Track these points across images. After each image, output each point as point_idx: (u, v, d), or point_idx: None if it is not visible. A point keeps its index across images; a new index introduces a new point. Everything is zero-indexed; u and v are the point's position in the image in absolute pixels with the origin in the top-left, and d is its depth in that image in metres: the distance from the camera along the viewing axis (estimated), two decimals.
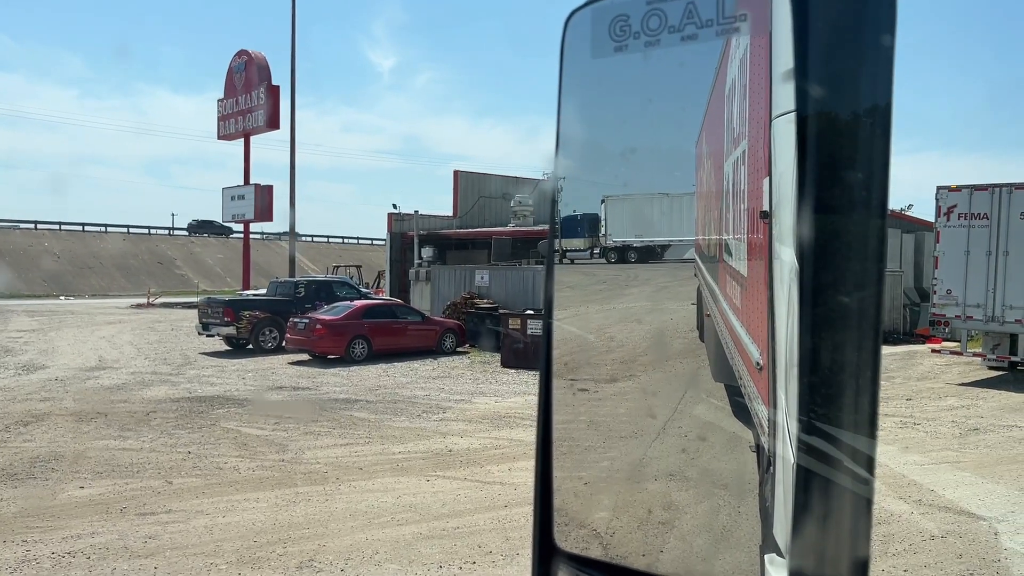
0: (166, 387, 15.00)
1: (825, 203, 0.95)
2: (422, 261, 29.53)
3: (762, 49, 2.25)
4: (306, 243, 65.33)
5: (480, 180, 34.63)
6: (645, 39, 1.45)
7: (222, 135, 40.57)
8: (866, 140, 0.95)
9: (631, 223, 3.79)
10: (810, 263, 0.99)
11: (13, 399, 13.36)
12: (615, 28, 1.48)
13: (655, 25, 1.44)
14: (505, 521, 7.01)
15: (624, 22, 1.47)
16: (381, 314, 20.60)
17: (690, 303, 4.64)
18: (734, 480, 3.52)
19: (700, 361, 4.16)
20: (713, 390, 3.93)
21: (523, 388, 15.43)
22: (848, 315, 0.92)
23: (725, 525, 3.30)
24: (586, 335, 2.92)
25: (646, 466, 3.13)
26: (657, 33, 1.44)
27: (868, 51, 0.95)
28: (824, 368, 0.91)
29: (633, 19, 1.46)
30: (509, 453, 9.81)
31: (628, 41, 1.46)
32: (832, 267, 0.94)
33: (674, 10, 1.40)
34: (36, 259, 57.61)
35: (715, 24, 1.37)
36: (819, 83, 0.95)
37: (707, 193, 3.85)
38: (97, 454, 9.50)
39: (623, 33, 1.47)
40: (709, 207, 3.99)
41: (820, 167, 0.96)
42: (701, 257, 4.35)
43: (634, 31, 1.46)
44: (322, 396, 14.15)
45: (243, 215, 39.19)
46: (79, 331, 26.56)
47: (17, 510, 7.32)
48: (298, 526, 6.89)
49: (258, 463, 9.20)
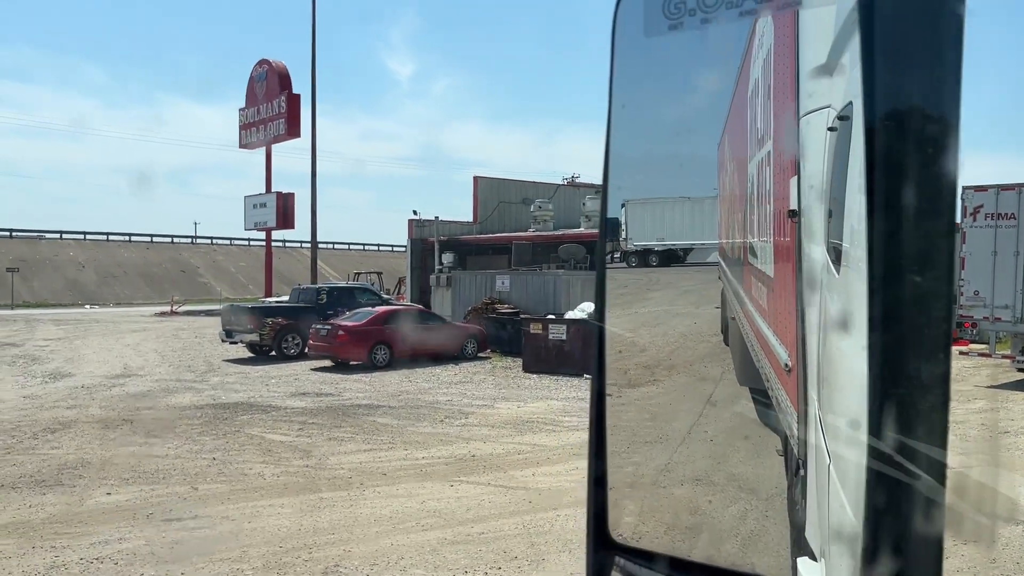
0: (191, 394, 15.11)
1: (896, 210, 0.92)
2: (443, 267, 29.58)
3: (788, 47, 2.22)
4: (327, 250, 65.68)
5: (500, 185, 34.64)
6: (701, 15, 1.43)
7: (244, 144, 40.91)
8: (936, 145, 0.93)
9: (652, 227, 3.77)
10: (880, 270, 0.96)
11: (41, 407, 13.52)
12: (669, 6, 1.45)
13: (712, 1, 1.41)
14: (530, 526, 6.99)
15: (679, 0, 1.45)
16: (403, 320, 20.65)
17: (714, 306, 4.59)
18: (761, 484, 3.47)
19: (725, 364, 4.11)
20: (738, 393, 3.87)
21: (545, 393, 15.40)
22: (919, 322, 0.90)
23: (753, 529, 3.25)
24: (626, 335, 2.88)
25: (671, 470, 3.09)
26: (714, 9, 1.41)
27: (936, 54, 0.93)
28: (897, 376, 0.89)
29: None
30: (533, 458, 9.78)
31: (683, 18, 1.43)
32: (903, 275, 0.92)
33: None
34: (61, 268, 58.37)
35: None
36: (888, 86, 0.93)
37: (730, 196, 3.81)
38: (123, 461, 9.58)
39: (678, 11, 1.44)
40: (733, 210, 3.94)
41: (891, 173, 0.94)
42: (725, 260, 4.29)
43: (689, 8, 1.44)
44: (345, 402, 14.20)
45: (265, 223, 39.47)
46: (104, 339, 26.85)
47: (46, 516, 7.39)
48: (323, 532, 6.91)
49: (282, 469, 9.24)
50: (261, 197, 39.57)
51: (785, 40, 2.17)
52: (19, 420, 12.20)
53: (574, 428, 11.71)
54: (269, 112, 38.66)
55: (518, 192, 34.71)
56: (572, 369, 17.72)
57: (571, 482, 8.58)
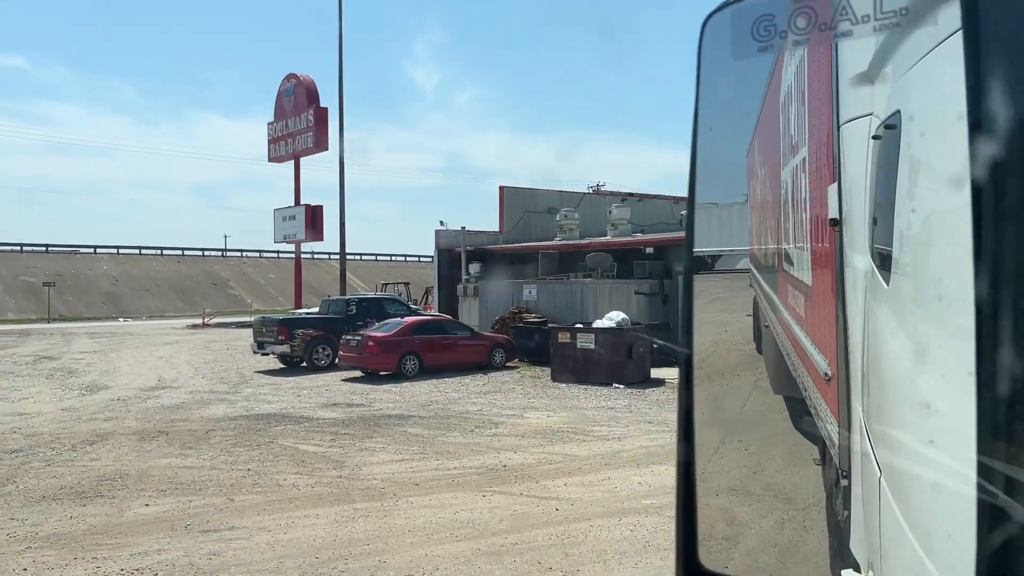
0: (224, 405, 15.30)
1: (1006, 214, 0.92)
2: (470, 277, 29.67)
3: (823, 53, 2.22)
4: (354, 261, 66.16)
5: (525, 195, 34.70)
6: (793, 38, 1.43)
7: (272, 158, 41.39)
8: None
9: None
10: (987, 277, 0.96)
11: (79, 419, 13.75)
12: (759, 28, 1.46)
13: (803, 23, 1.42)
14: (564, 537, 6.99)
15: (769, 21, 1.45)
16: (431, 330, 20.76)
17: (745, 314, 4.57)
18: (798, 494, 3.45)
19: (758, 373, 4.09)
20: (773, 402, 3.85)
21: (574, 402, 15.39)
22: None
23: (791, 540, 3.24)
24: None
25: (707, 480, 3.08)
26: (806, 31, 1.41)
27: None
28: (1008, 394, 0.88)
29: (779, 18, 1.44)
30: (564, 468, 9.78)
31: (773, 40, 1.44)
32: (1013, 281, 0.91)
33: (824, 7, 1.38)
34: (96, 282, 59.34)
35: (872, 20, 1.34)
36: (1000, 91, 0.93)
37: (762, 202, 3.79)
38: (160, 472, 9.72)
39: (768, 33, 1.45)
40: (765, 216, 3.93)
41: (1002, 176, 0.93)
42: (757, 267, 4.27)
43: (780, 30, 1.44)
44: (376, 412, 14.29)
45: (294, 235, 39.87)
46: (138, 352, 27.26)
47: (87, 527, 7.52)
48: (358, 542, 6.96)
49: (316, 479, 9.32)
50: (290, 210, 39.99)
51: (820, 47, 2.18)
52: (58, 432, 12.42)
53: (604, 438, 11.70)
54: (297, 126, 39.11)
55: (544, 201, 34.74)
56: (601, 378, 17.69)
57: (603, 492, 8.57)
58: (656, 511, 7.73)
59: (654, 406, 14.75)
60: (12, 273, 57.34)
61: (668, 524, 7.31)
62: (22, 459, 10.51)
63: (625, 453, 10.62)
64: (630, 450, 10.80)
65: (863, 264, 1.90)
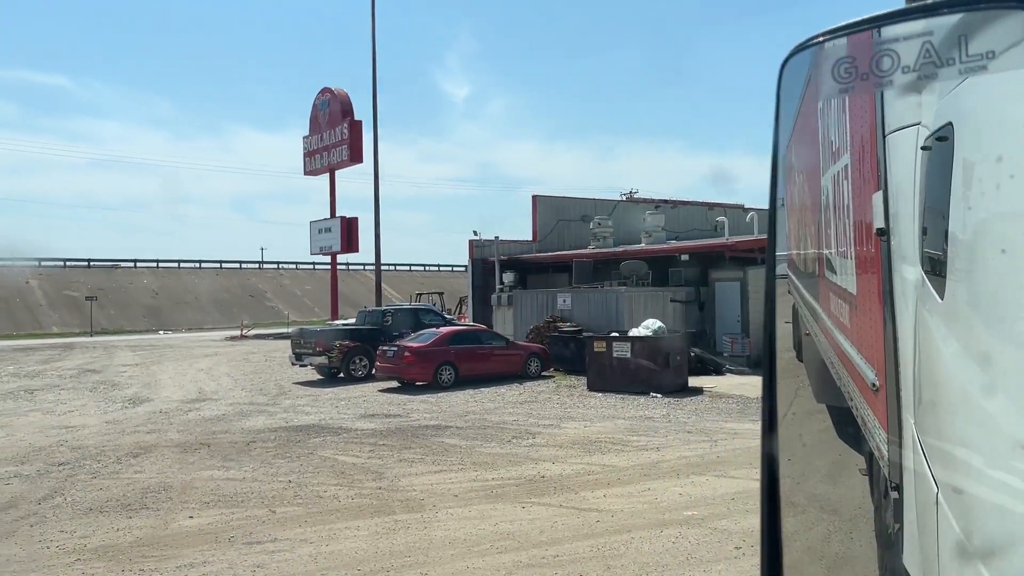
0: (264, 417, 15.47)
1: None
2: (503, 286, 29.72)
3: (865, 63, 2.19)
4: (389, 272, 66.64)
5: (558, 203, 34.72)
6: (875, 79, 1.42)
7: (308, 171, 41.90)
8: None
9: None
10: None
11: (122, 432, 14.00)
12: (839, 69, 1.45)
13: (887, 66, 1.41)
14: (605, 549, 6.94)
15: (850, 63, 1.44)
16: (467, 340, 20.80)
17: (784, 321, 4.51)
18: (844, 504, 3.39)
19: (799, 381, 4.03)
20: (815, 411, 3.79)
21: (611, 412, 15.31)
22: None
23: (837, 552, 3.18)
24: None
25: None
26: (889, 73, 1.40)
27: None
28: None
29: (860, 60, 1.43)
30: (603, 479, 9.72)
31: (855, 83, 1.43)
32: None
33: (908, 49, 1.37)
34: (136, 296, 60.44)
35: (957, 63, 1.33)
36: None
37: (800, 207, 3.74)
38: (203, 484, 9.85)
39: (848, 75, 1.44)
40: (803, 221, 3.88)
41: None
42: (796, 273, 4.21)
43: (861, 72, 1.43)
44: (413, 423, 14.35)
45: (330, 247, 40.29)
46: (178, 364, 27.68)
47: (133, 539, 7.64)
48: (399, 554, 6.98)
49: (356, 491, 9.38)
50: (326, 222, 40.42)
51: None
52: (103, 445, 12.65)
53: (643, 448, 11.62)
54: (332, 139, 39.56)
55: (577, 209, 34.74)
56: (638, 387, 17.59)
57: (644, 503, 8.51)
58: (698, 523, 7.65)
59: (692, 415, 14.63)
60: (56, 288, 58.63)
61: (711, 536, 7.24)
62: (69, 471, 10.72)
63: (665, 463, 10.54)
64: (670, 460, 10.72)
65: (913, 273, 1.88)
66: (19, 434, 13.91)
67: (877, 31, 1.42)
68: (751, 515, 7.76)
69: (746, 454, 10.91)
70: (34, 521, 8.32)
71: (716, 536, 7.21)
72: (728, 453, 11.08)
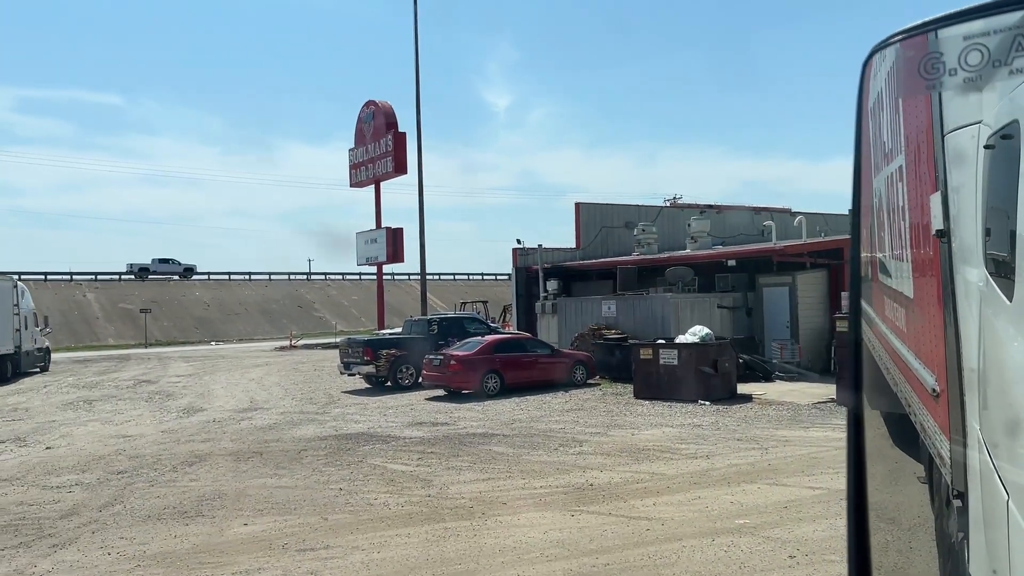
0: (314, 426, 15.69)
1: None
2: (548, 294, 29.70)
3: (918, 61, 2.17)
4: (433, 281, 67.09)
5: (601, 210, 34.61)
6: (964, 75, 1.41)
7: (354, 183, 42.43)
8: None
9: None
10: None
11: (178, 440, 14.31)
12: (925, 65, 1.44)
13: (975, 60, 1.39)
14: (656, 557, 6.90)
15: (936, 59, 1.43)
16: (512, 348, 20.85)
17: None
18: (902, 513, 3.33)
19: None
20: (870, 419, 3.72)
21: (659, 420, 15.19)
22: None
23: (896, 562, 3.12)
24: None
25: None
26: (978, 68, 1.39)
27: None
28: None
29: (948, 55, 1.42)
30: (652, 487, 9.65)
31: (942, 78, 1.42)
32: None
33: (1000, 43, 1.35)
34: (189, 308, 61.77)
35: None
36: None
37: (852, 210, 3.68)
38: (256, 492, 10.02)
39: (935, 70, 1.43)
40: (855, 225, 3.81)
41: None
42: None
43: (949, 67, 1.42)
44: (460, 431, 14.42)
45: (376, 258, 40.73)
46: (230, 374, 28.21)
47: (190, 546, 7.81)
48: (450, 561, 7.02)
49: (406, 499, 9.46)
50: (372, 233, 40.88)
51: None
52: (159, 454, 12.95)
53: (692, 456, 11.51)
54: (377, 151, 40.03)
55: (620, 216, 34.59)
56: (685, 395, 17.42)
57: (694, 512, 8.43)
58: (750, 531, 7.55)
59: (742, 423, 14.44)
60: (111, 301, 60.24)
61: (763, 545, 7.14)
62: (127, 480, 10.99)
63: (715, 472, 10.43)
64: (720, 468, 10.60)
65: (976, 275, 1.84)
66: (79, 443, 14.32)
67: (964, 25, 1.40)
68: (804, 523, 7.64)
69: (798, 462, 10.74)
70: (95, 528, 8.55)
71: (769, 545, 7.12)
72: (779, 461, 10.92)
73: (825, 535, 7.16)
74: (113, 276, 65.72)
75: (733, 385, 18.02)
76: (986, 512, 1.84)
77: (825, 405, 16.06)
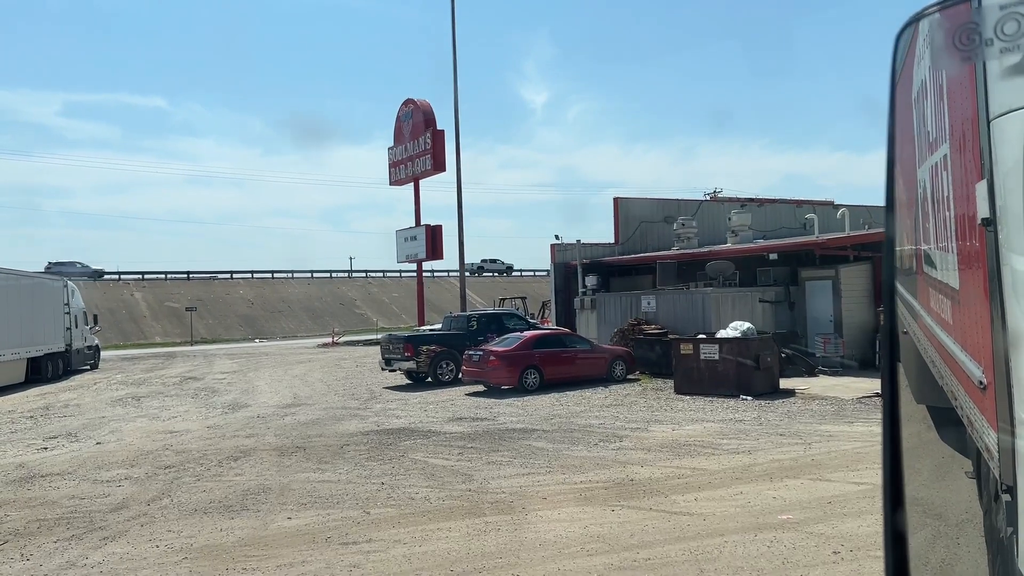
0: (356, 421, 15.85)
1: None
2: (586, 289, 29.62)
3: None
4: (471, 277, 67.34)
5: (640, 205, 34.40)
6: (1000, 45, 1.38)
7: (393, 181, 42.71)
8: None
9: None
10: None
11: (223, 436, 14.57)
12: (960, 36, 1.41)
13: (1011, 30, 1.37)
14: (697, 553, 6.85)
15: (972, 29, 1.41)
16: (551, 344, 20.84)
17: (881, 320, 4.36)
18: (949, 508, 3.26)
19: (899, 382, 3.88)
20: (915, 412, 3.66)
21: (700, 415, 15.07)
22: None
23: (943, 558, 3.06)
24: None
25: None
26: (1015, 38, 1.36)
27: None
28: None
29: (985, 25, 1.39)
30: (693, 483, 9.58)
31: (978, 49, 1.39)
32: None
33: None
34: (233, 306, 62.82)
35: None
36: None
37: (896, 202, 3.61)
38: (300, 486, 10.16)
39: (971, 41, 1.41)
40: (900, 217, 3.74)
41: None
42: None
43: (986, 38, 1.39)
44: (500, 426, 14.45)
45: (416, 255, 40.96)
46: (274, 371, 28.63)
47: (236, 540, 7.95)
48: (491, 555, 7.05)
49: (447, 493, 9.51)
50: (411, 230, 41.12)
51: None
52: (205, 449, 13.20)
53: (734, 452, 11.40)
54: (416, 149, 40.23)
55: (659, 210, 34.35)
56: (727, 390, 17.26)
57: (736, 507, 8.35)
58: (793, 527, 7.46)
59: (784, 418, 14.26)
60: (158, 299, 61.52)
61: (807, 540, 7.05)
62: (174, 474, 11.23)
63: (757, 467, 10.31)
64: (762, 464, 10.48)
65: (1022, 265, 1.80)
66: (128, 439, 14.66)
67: None
68: (849, 519, 7.52)
69: (842, 457, 10.57)
70: (144, 521, 8.75)
71: (813, 540, 7.02)
72: (823, 456, 10.76)
73: (870, 531, 7.04)
74: (159, 275, 67.09)
75: (775, 380, 17.81)
76: None
77: (870, 400, 15.78)
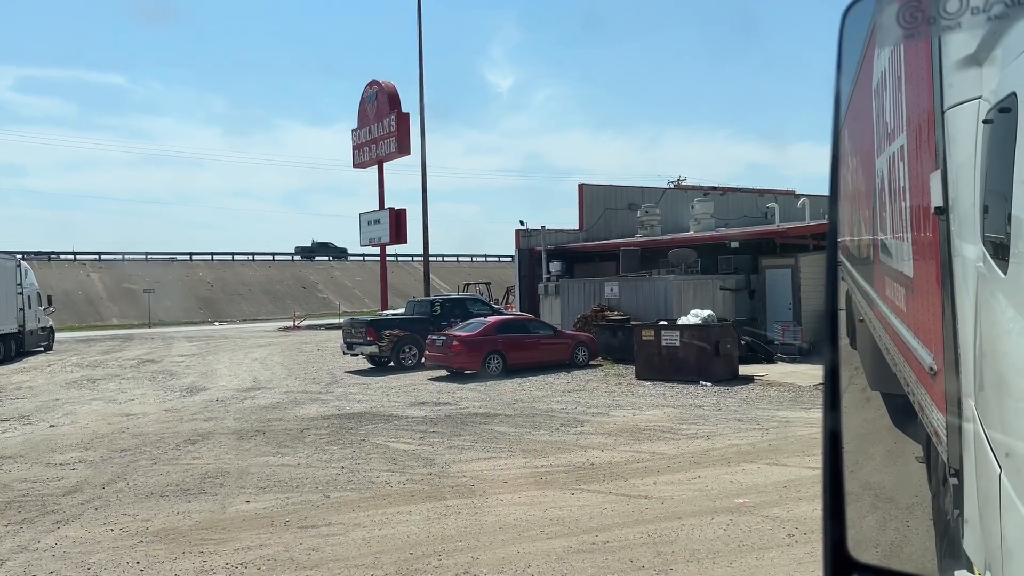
0: (317, 405, 15.74)
1: None
2: (551, 275, 29.69)
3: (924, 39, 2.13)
4: (436, 262, 67.12)
5: (605, 192, 34.51)
6: (943, 23, 1.39)
7: (357, 163, 42.31)
8: None
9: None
10: None
11: (181, 419, 14.38)
12: (903, 15, 1.42)
13: (953, 8, 1.38)
14: (655, 535, 6.93)
15: (915, 8, 1.41)
16: (514, 329, 20.87)
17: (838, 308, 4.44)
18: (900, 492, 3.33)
19: (853, 369, 3.95)
20: (870, 399, 3.72)
21: (660, 400, 15.23)
22: None
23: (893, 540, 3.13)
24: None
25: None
26: (956, 16, 1.37)
27: None
28: None
29: (926, 3, 1.40)
30: (652, 466, 9.69)
31: (920, 27, 1.40)
32: None
33: None
34: (192, 288, 61.87)
35: None
36: None
37: (853, 193, 3.66)
38: (259, 470, 10.07)
39: (913, 19, 1.41)
40: (857, 206, 3.79)
41: None
42: (850, 259, 4.13)
43: (928, 16, 1.40)
44: (463, 411, 14.46)
45: (379, 238, 40.68)
46: (233, 354, 28.28)
47: (192, 523, 7.86)
48: (451, 539, 7.07)
49: (407, 477, 9.51)
50: (375, 214, 40.81)
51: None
52: (162, 432, 13.02)
53: (693, 436, 11.54)
54: (380, 131, 39.87)
55: (623, 198, 34.49)
56: (687, 376, 17.46)
57: (694, 491, 8.47)
58: (749, 510, 7.59)
59: (743, 404, 14.48)
60: (115, 281, 60.36)
61: (763, 523, 7.17)
62: (131, 458, 11.06)
63: (715, 451, 10.46)
64: (720, 448, 10.63)
65: (974, 253, 1.82)
66: (83, 422, 14.39)
67: None
68: (804, 503, 7.67)
69: (798, 442, 10.76)
70: (98, 505, 8.61)
71: (768, 523, 7.15)
72: (780, 441, 10.95)
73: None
74: (117, 256, 65.79)
75: (735, 366, 18.05)
76: (980, 488, 1.84)
77: None
